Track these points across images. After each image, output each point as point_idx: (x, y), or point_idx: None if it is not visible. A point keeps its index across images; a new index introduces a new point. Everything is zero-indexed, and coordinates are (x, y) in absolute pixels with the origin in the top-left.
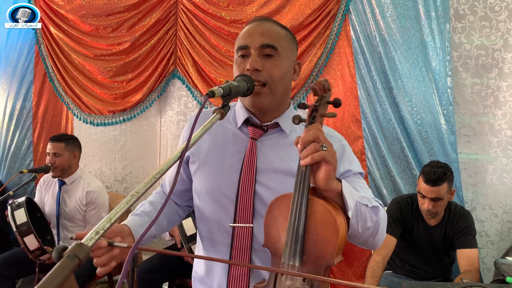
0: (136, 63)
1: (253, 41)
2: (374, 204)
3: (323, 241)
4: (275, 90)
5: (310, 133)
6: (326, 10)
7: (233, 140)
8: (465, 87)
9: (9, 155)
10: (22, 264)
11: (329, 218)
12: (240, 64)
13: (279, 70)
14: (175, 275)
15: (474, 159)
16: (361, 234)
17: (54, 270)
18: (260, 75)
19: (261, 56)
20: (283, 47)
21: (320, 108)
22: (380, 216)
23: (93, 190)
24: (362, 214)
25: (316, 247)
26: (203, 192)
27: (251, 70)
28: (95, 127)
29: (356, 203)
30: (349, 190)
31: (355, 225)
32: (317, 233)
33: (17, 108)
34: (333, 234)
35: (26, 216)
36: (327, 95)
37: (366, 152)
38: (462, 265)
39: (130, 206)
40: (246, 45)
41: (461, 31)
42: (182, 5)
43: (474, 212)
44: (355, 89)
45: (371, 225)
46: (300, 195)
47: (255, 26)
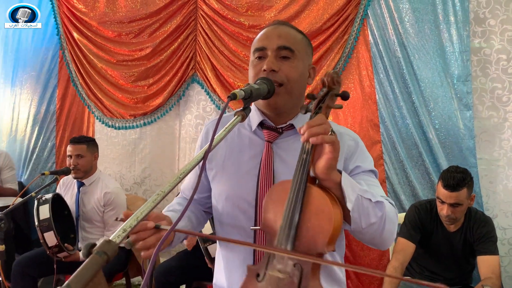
0: (157, 68)
1: (270, 43)
2: (379, 199)
3: (316, 228)
4: (291, 91)
5: (317, 117)
6: (345, 15)
7: (249, 144)
8: (485, 92)
9: (33, 158)
10: (43, 264)
11: (324, 207)
12: (256, 65)
13: (295, 71)
14: (193, 278)
15: (495, 165)
16: (365, 230)
17: (84, 266)
18: (276, 76)
19: (277, 57)
20: (299, 50)
21: (327, 99)
22: (386, 212)
23: (111, 191)
24: (364, 208)
25: (308, 234)
26: (222, 198)
27: (267, 70)
28: (116, 131)
29: (357, 196)
30: (349, 183)
31: (357, 220)
32: (311, 220)
33: (41, 112)
34: (326, 222)
35: (49, 213)
36: (336, 87)
37: (384, 156)
38: (483, 272)
39: (156, 204)
40: (263, 46)
41: (481, 35)
42: (201, 10)
43: (496, 219)
44: (373, 94)
45: (375, 221)
46: (299, 182)
47: (272, 29)
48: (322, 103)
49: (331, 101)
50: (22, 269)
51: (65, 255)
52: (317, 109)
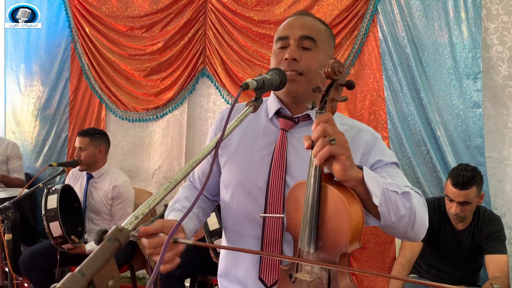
0: (168, 62)
1: (293, 33)
2: (405, 190)
3: (336, 229)
4: (311, 81)
5: (317, 128)
6: (354, 11)
7: (264, 132)
8: (496, 89)
9: (44, 149)
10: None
11: (341, 206)
12: (279, 54)
13: (316, 62)
14: (197, 272)
15: (504, 163)
16: (396, 224)
17: (96, 252)
18: (297, 65)
19: (299, 47)
20: (322, 41)
21: (331, 92)
22: (414, 202)
23: (119, 185)
24: (392, 201)
25: (330, 235)
26: (232, 183)
27: (289, 59)
28: (128, 123)
29: (383, 190)
30: (372, 177)
31: (386, 214)
32: (330, 221)
33: (53, 104)
34: (346, 221)
35: (57, 203)
36: (339, 77)
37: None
38: (491, 271)
39: (168, 192)
40: (286, 35)
41: (493, 32)
42: (211, 5)
43: (504, 218)
44: (381, 90)
45: (405, 213)
46: (312, 183)
47: (295, 19)
48: (326, 97)
49: (335, 93)
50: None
51: (70, 247)
52: (322, 103)
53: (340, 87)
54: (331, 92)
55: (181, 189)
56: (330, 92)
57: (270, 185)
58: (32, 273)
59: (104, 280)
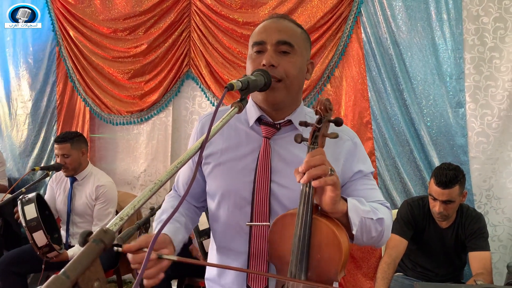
0: (153, 65)
1: (270, 37)
2: (380, 216)
3: (327, 259)
4: (290, 87)
5: (316, 157)
6: (338, 12)
7: (246, 140)
8: (479, 90)
9: (33, 154)
10: (31, 261)
11: (333, 238)
12: (255, 59)
13: (294, 67)
14: (184, 274)
15: (488, 163)
16: (365, 242)
17: (80, 254)
18: (275, 71)
19: (276, 52)
20: (298, 45)
21: (322, 128)
22: (385, 225)
23: (103, 185)
24: (367, 227)
25: (320, 265)
26: (217, 193)
27: (267, 65)
28: (114, 127)
29: (361, 218)
30: (354, 209)
31: (360, 237)
32: (321, 252)
33: (41, 107)
34: (337, 252)
35: (36, 212)
36: (329, 114)
37: (376, 153)
38: (475, 268)
39: (153, 194)
40: (262, 40)
41: (475, 32)
42: (195, 7)
43: (487, 216)
44: (365, 91)
45: (375, 235)
46: (304, 216)
47: (271, 22)
48: (317, 132)
49: (325, 128)
50: (8, 267)
51: (55, 254)
52: (314, 138)
53: (328, 124)
54: (322, 127)
55: (167, 198)
56: (322, 128)
57: (256, 194)
58: (7, 278)
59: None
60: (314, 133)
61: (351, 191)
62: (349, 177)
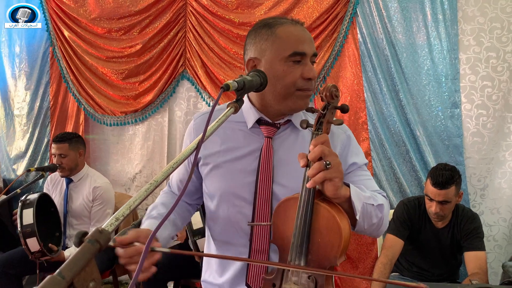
0: (147, 65)
1: (310, 49)
2: (379, 202)
3: (327, 244)
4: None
5: (315, 149)
6: (334, 13)
7: (245, 141)
8: (475, 90)
9: (28, 154)
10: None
11: (333, 223)
12: (294, 70)
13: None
14: (181, 275)
15: (483, 163)
16: (366, 229)
17: (76, 254)
18: (311, 84)
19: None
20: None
21: (327, 114)
22: (384, 211)
23: (100, 186)
24: (368, 213)
25: (320, 249)
26: (216, 194)
27: (313, 79)
28: (108, 127)
29: (363, 204)
30: (357, 194)
31: (361, 223)
32: (321, 236)
33: (35, 108)
34: (337, 237)
35: (33, 218)
36: (335, 101)
37: (372, 153)
38: (470, 268)
39: (149, 194)
40: (304, 52)
41: (470, 33)
42: (191, 7)
43: (482, 216)
44: (361, 92)
45: (376, 221)
46: (306, 200)
47: (304, 32)
48: (322, 119)
49: (330, 115)
50: (2, 269)
51: (48, 258)
52: (318, 124)
53: (334, 110)
54: (327, 114)
55: (161, 193)
56: (327, 114)
57: (258, 195)
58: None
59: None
60: (319, 119)
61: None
62: (344, 169)
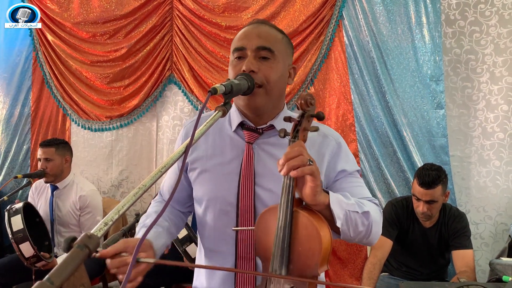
0: (132, 69)
1: (250, 43)
2: (365, 209)
3: (308, 252)
4: (270, 92)
5: (295, 149)
6: (320, 16)
7: (231, 145)
8: (456, 91)
9: (7, 161)
10: (17, 271)
11: (313, 231)
12: (236, 66)
13: (274, 72)
14: (171, 280)
15: (467, 162)
16: (353, 237)
17: (65, 260)
18: (256, 77)
19: (257, 58)
20: (279, 50)
21: (304, 122)
22: (372, 219)
23: (86, 194)
24: (352, 220)
25: (301, 258)
26: (204, 199)
27: (247, 71)
28: (92, 133)
29: (345, 211)
30: (337, 201)
31: (346, 231)
32: (301, 245)
33: (15, 114)
34: (317, 245)
35: (23, 223)
36: (310, 109)
37: (359, 155)
38: (458, 266)
39: (138, 199)
40: (242, 46)
41: (452, 36)
42: (177, 11)
43: (468, 214)
44: (348, 94)
45: (362, 229)
46: (285, 208)
47: (252, 28)
48: (299, 126)
49: (307, 123)
50: None
51: (44, 263)
52: (295, 132)
53: (310, 118)
54: (303, 122)
55: (152, 202)
56: (303, 122)
57: (240, 199)
58: None
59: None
60: (296, 127)
61: (336, 190)
62: (333, 176)
